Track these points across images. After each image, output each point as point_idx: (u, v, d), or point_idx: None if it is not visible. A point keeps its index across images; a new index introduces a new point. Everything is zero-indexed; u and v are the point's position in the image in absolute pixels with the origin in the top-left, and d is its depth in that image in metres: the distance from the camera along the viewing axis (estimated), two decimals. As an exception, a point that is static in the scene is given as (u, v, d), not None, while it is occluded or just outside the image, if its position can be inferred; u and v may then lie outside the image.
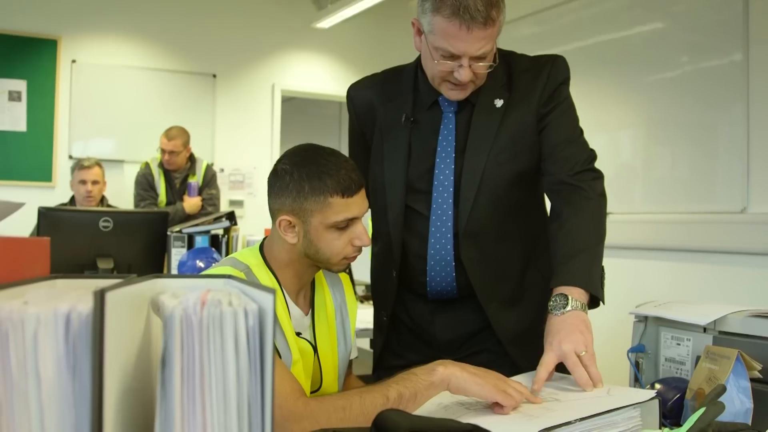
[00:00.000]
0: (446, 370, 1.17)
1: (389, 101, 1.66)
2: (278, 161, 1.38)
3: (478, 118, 1.57)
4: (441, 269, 1.59)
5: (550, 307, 1.39)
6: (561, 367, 1.31)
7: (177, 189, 4.78)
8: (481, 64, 1.46)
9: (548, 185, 1.59)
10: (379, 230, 1.67)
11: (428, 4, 1.42)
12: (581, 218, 1.50)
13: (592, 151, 1.59)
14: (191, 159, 4.84)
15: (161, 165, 4.76)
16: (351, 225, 1.36)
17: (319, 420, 1.15)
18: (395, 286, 1.65)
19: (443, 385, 1.17)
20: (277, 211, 1.36)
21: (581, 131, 1.60)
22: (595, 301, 1.44)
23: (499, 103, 1.57)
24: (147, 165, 4.79)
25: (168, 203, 4.71)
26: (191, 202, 4.70)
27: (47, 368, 0.60)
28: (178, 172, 4.79)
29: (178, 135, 4.70)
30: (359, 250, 1.39)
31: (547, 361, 1.28)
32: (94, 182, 4.37)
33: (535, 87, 1.56)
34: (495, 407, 1.14)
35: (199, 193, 4.81)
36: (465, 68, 1.45)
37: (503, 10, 1.43)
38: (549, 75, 1.57)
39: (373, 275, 1.76)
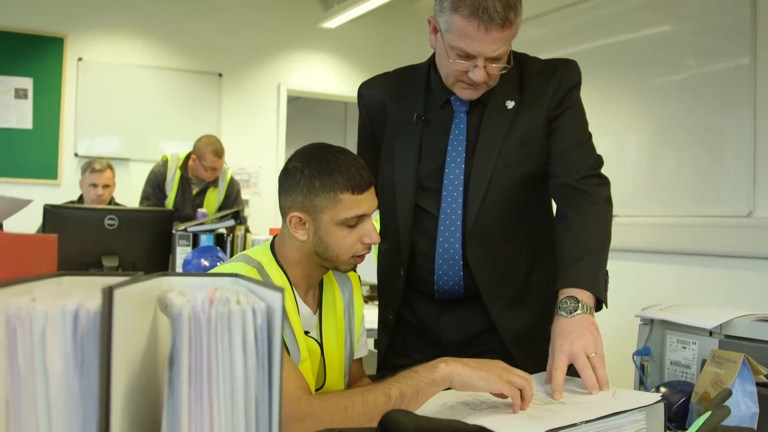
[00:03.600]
0: (448, 367, 1.17)
1: (401, 99, 1.66)
2: (289, 160, 1.40)
3: (489, 119, 1.57)
4: (449, 268, 1.59)
5: (558, 309, 1.38)
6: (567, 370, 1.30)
7: (191, 197, 4.33)
8: (495, 65, 1.47)
9: (554, 188, 1.59)
10: (387, 228, 1.67)
11: (447, 3, 1.42)
12: (587, 222, 1.50)
13: (599, 156, 1.59)
14: None
15: (182, 168, 4.34)
16: (361, 222, 1.36)
17: (321, 419, 1.15)
18: (403, 285, 1.65)
19: (445, 383, 1.17)
20: (288, 209, 1.37)
21: (590, 136, 1.60)
22: (598, 304, 1.44)
23: (510, 104, 1.57)
24: (165, 163, 4.36)
25: (176, 209, 4.14)
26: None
27: (55, 365, 0.60)
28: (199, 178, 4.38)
29: (223, 149, 4.29)
30: (368, 248, 1.40)
31: (561, 366, 1.27)
32: (105, 186, 4.19)
33: (547, 90, 1.56)
34: (501, 397, 1.15)
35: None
36: (480, 69, 1.46)
37: (521, 12, 1.44)
38: (561, 78, 1.57)
39: (380, 273, 1.76)
